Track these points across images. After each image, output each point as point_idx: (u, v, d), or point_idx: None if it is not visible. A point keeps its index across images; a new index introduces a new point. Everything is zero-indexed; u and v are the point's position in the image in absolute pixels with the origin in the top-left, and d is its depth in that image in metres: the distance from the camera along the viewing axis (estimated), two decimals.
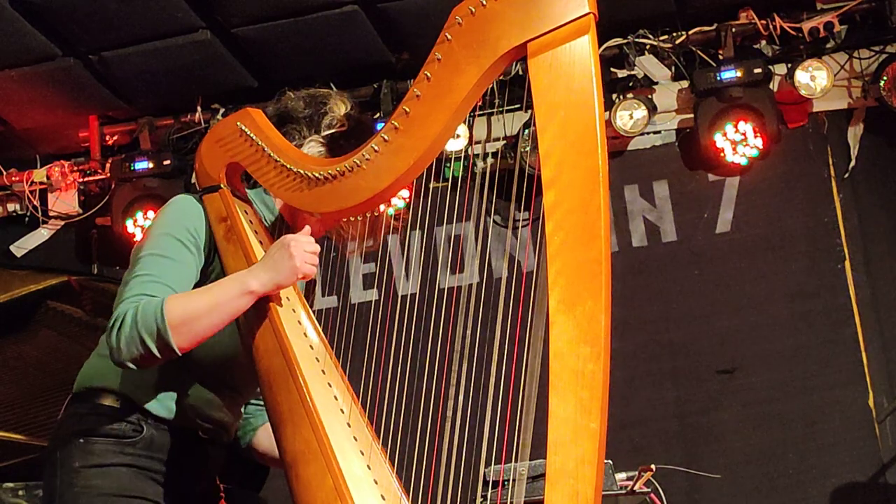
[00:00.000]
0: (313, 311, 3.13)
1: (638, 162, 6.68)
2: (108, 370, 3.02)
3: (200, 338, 2.84)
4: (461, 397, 2.86)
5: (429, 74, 2.70)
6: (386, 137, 2.77)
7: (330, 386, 2.90)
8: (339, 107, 3.12)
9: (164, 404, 3.01)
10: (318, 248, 2.90)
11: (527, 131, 6.28)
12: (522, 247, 6.29)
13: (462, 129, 6.09)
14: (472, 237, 6.24)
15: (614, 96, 6.42)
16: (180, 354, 2.81)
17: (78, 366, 3.13)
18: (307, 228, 2.96)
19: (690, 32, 6.41)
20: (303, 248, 2.86)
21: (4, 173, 7.14)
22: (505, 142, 6.57)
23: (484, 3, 2.62)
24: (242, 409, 3.28)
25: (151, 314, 2.77)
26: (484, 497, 2.91)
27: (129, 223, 6.85)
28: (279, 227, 3.15)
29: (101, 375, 3.03)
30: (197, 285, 2.96)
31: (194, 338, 2.82)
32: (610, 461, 4.06)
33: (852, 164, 6.42)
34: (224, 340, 2.97)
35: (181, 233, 2.97)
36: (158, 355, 2.79)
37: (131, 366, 2.82)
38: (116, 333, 2.79)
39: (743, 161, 6.37)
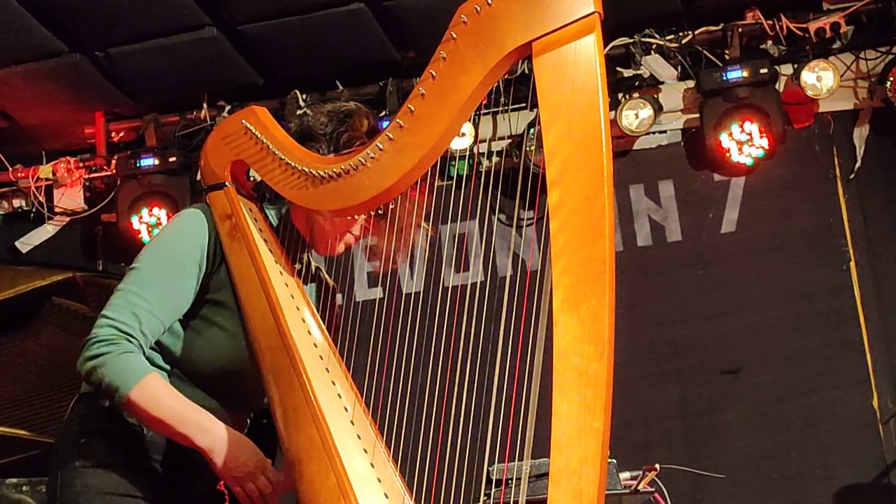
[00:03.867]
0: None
1: (643, 161, 6.68)
2: None
3: (143, 422, 2.89)
4: (465, 395, 2.86)
5: (434, 73, 2.70)
6: (391, 136, 2.77)
7: (333, 384, 2.90)
8: (362, 122, 3.09)
9: None
10: (275, 482, 2.87)
11: (532, 130, 6.28)
12: (527, 245, 6.29)
13: (467, 128, 6.09)
14: (477, 235, 6.25)
15: (620, 96, 6.42)
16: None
17: None
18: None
19: (696, 32, 6.41)
20: (260, 480, 2.85)
21: (10, 169, 7.14)
22: (510, 140, 6.57)
23: (489, 1, 2.62)
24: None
25: (126, 376, 2.82)
26: (487, 495, 2.91)
27: (135, 220, 6.85)
28: (288, 235, 3.14)
29: None
30: (199, 294, 2.98)
31: (138, 419, 2.88)
32: (614, 460, 4.05)
33: (858, 164, 6.41)
34: (229, 351, 2.97)
35: (184, 248, 2.98)
36: (104, 398, 2.88)
37: (88, 380, 2.88)
38: (96, 353, 2.83)
39: (748, 161, 6.37)
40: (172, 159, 6.82)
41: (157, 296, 2.92)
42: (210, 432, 2.87)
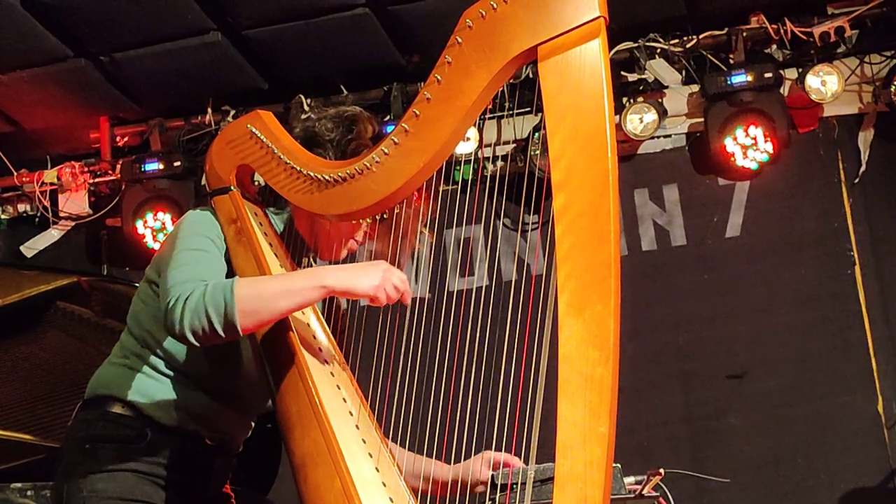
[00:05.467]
0: None
1: (648, 166, 6.68)
2: (118, 379, 3.03)
3: (265, 321, 2.81)
4: (470, 400, 2.86)
5: (439, 77, 2.70)
6: (396, 140, 2.77)
7: (339, 388, 2.90)
8: (367, 129, 3.09)
9: (170, 413, 3.01)
10: (406, 281, 2.84)
11: (537, 134, 6.28)
12: (532, 250, 6.30)
13: (472, 132, 6.09)
14: (482, 240, 6.25)
15: (625, 100, 6.42)
16: (242, 335, 2.78)
17: (86, 366, 3.15)
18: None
19: (701, 36, 6.41)
20: (394, 275, 2.81)
21: (15, 174, 7.15)
22: (515, 145, 6.57)
23: (494, 6, 2.62)
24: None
25: (220, 290, 2.74)
26: (492, 500, 2.91)
27: (139, 224, 6.86)
28: (292, 241, 3.14)
29: (111, 384, 3.04)
30: None
31: (259, 320, 2.78)
32: (618, 465, 4.05)
33: (863, 169, 6.41)
34: (232, 353, 2.97)
35: (208, 232, 2.98)
36: (221, 332, 2.74)
37: (191, 339, 2.76)
38: (182, 305, 2.74)
39: (753, 165, 6.37)
40: (177, 164, 6.83)
41: (201, 260, 2.90)
42: (326, 269, 2.88)
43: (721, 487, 5.99)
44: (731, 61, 6.38)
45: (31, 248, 7.23)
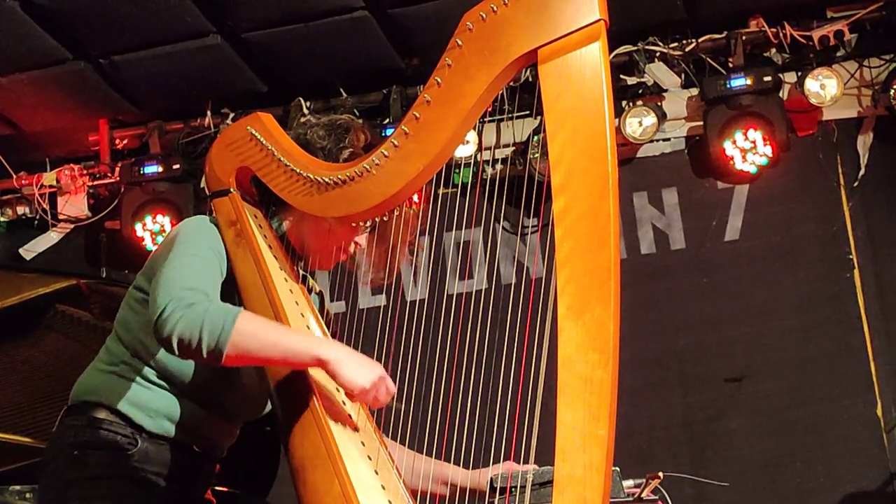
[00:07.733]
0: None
1: (647, 169, 6.68)
2: (104, 386, 3.02)
3: (248, 361, 2.80)
4: (469, 403, 2.86)
5: (439, 80, 2.70)
6: (396, 143, 2.77)
7: (338, 391, 2.90)
8: (360, 138, 3.09)
9: (157, 421, 3.00)
10: (392, 396, 2.82)
11: (536, 137, 6.28)
12: (531, 253, 6.30)
13: (471, 135, 6.09)
14: (481, 243, 6.25)
15: (624, 103, 6.42)
16: (221, 365, 2.75)
17: (85, 369, 3.13)
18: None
19: (700, 40, 6.40)
20: (385, 386, 2.78)
21: (14, 176, 7.15)
22: (514, 148, 6.56)
23: (495, 9, 2.62)
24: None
25: (223, 314, 2.73)
26: (491, 503, 2.91)
27: (138, 227, 6.86)
28: (288, 252, 3.14)
29: (97, 391, 3.02)
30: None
31: (243, 357, 2.76)
32: (617, 468, 4.05)
33: (862, 172, 6.41)
34: (228, 366, 2.97)
35: (207, 241, 2.98)
36: (204, 353, 2.72)
37: (174, 347, 2.73)
38: (181, 313, 2.72)
39: (752, 169, 6.36)
40: (176, 166, 6.82)
41: (198, 268, 2.89)
42: (331, 343, 2.83)
43: (720, 491, 5.97)
44: (731, 65, 6.38)
45: (30, 250, 7.23)
